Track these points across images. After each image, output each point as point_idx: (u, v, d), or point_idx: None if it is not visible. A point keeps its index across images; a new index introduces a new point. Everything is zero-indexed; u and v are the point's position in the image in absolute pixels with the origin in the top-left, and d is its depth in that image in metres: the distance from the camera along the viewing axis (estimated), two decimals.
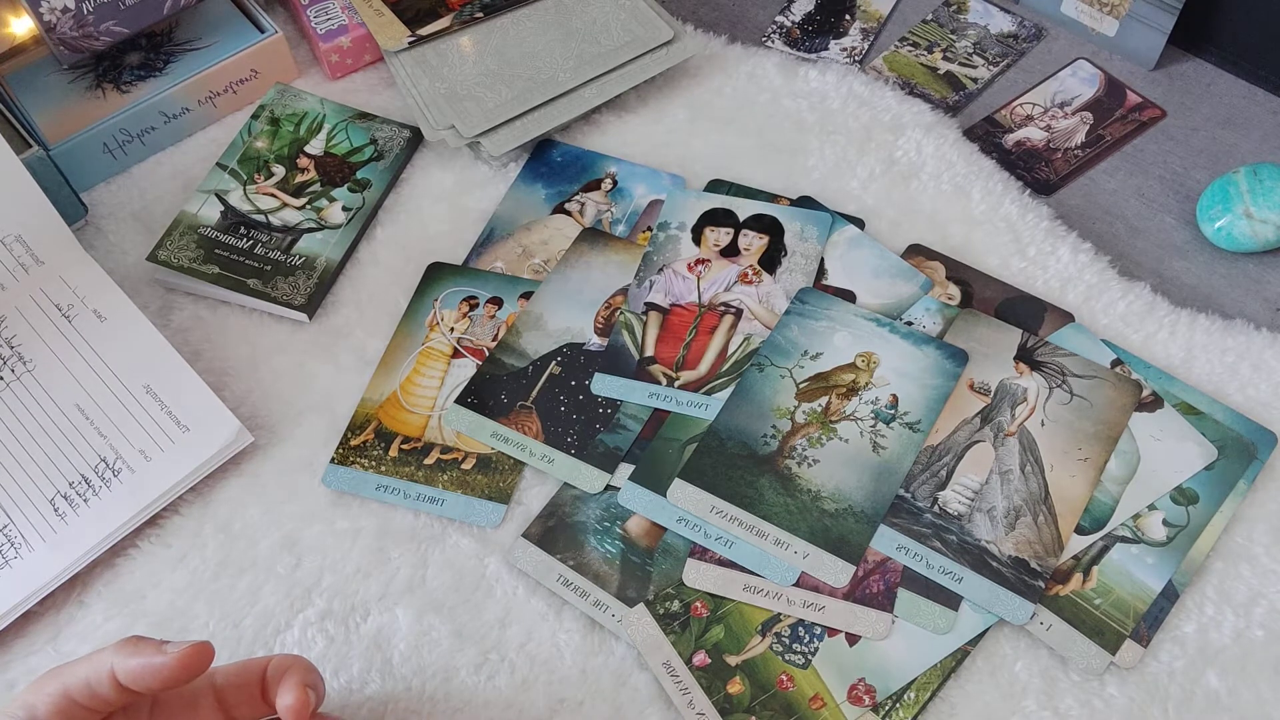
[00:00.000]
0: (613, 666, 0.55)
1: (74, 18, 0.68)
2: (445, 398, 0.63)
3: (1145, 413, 0.61)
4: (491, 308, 0.67)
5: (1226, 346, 0.64)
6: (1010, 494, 0.58)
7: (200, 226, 0.69)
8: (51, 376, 0.62)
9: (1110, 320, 0.66)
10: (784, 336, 0.64)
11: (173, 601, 0.57)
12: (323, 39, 0.77)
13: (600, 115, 0.76)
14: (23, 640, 0.56)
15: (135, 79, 0.74)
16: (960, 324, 0.64)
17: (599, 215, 0.71)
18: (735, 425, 0.60)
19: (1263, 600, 0.56)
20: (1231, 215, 0.68)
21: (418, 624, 0.56)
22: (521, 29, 0.76)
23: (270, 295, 0.66)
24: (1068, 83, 0.80)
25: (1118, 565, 0.57)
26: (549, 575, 0.57)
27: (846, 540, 0.57)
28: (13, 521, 0.58)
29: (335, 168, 0.72)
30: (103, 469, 0.59)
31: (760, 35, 0.84)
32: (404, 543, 0.58)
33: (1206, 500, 0.58)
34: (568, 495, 0.60)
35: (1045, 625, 0.55)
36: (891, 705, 0.53)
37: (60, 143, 0.70)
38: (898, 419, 0.60)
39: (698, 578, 0.56)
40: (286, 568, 0.57)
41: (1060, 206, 0.73)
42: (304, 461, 0.61)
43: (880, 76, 0.80)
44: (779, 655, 0.55)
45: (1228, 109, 0.78)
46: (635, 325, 0.65)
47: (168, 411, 0.60)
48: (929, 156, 0.73)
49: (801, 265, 0.67)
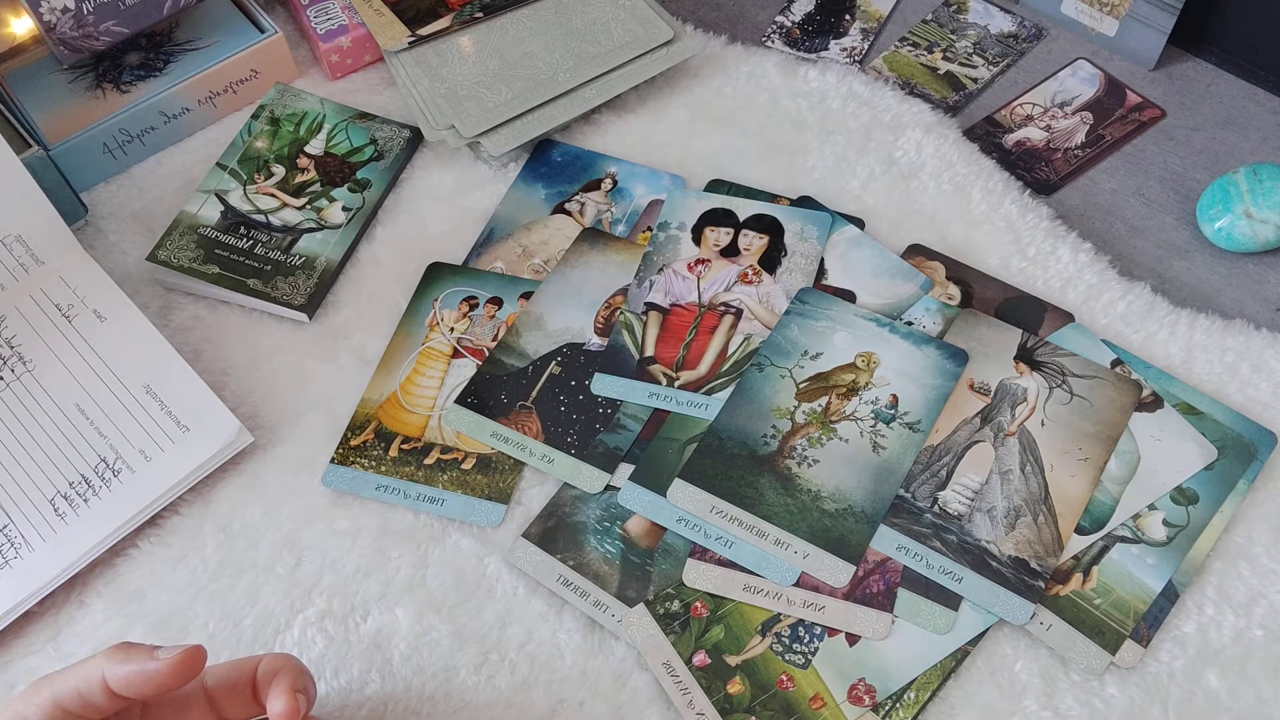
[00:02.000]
0: (613, 667, 0.55)
1: (74, 18, 0.68)
2: (445, 398, 0.63)
3: (1145, 413, 0.61)
4: (491, 308, 0.67)
5: (1226, 346, 0.64)
6: (1010, 494, 0.58)
7: (200, 226, 0.69)
8: (51, 376, 0.62)
9: (1110, 320, 0.66)
10: (784, 336, 0.64)
11: (173, 601, 0.57)
12: (323, 39, 0.76)
13: (600, 115, 0.76)
14: (23, 640, 0.56)
15: (135, 79, 0.74)
16: (960, 324, 0.64)
17: (599, 215, 0.71)
18: (735, 425, 0.60)
19: (1263, 600, 0.56)
20: (1231, 215, 0.68)
21: (418, 624, 0.56)
22: (521, 29, 0.76)
23: (270, 295, 0.66)
24: (1068, 83, 0.80)
25: (1118, 565, 0.57)
26: (549, 575, 0.57)
27: (846, 540, 0.57)
28: (13, 521, 0.58)
29: (335, 168, 0.72)
30: (103, 469, 0.59)
31: (760, 35, 0.84)
32: (404, 543, 0.58)
33: (1206, 500, 0.58)
34: (568, 495, 0.60)
35: (1045, 625, 0.55)
36: (891, 705, 0.53)
37: (60, 143, 0.70)
38: (898, 419, 0.60)
39: (698, 578, 0.56)
40: (286, 568, 0.57)
41: (1060, 206, 0.73)
42: (304, 461, 0.61)
43: (880, 76, 0.80)
44: (779, 655, 0.55)
45: (1228, 109, 0.78)
46: (635, 325, 0.65)
47: (168, 411, 0.60)
48: (929, 156, 0.73)
49: (801, 265, 0.67)
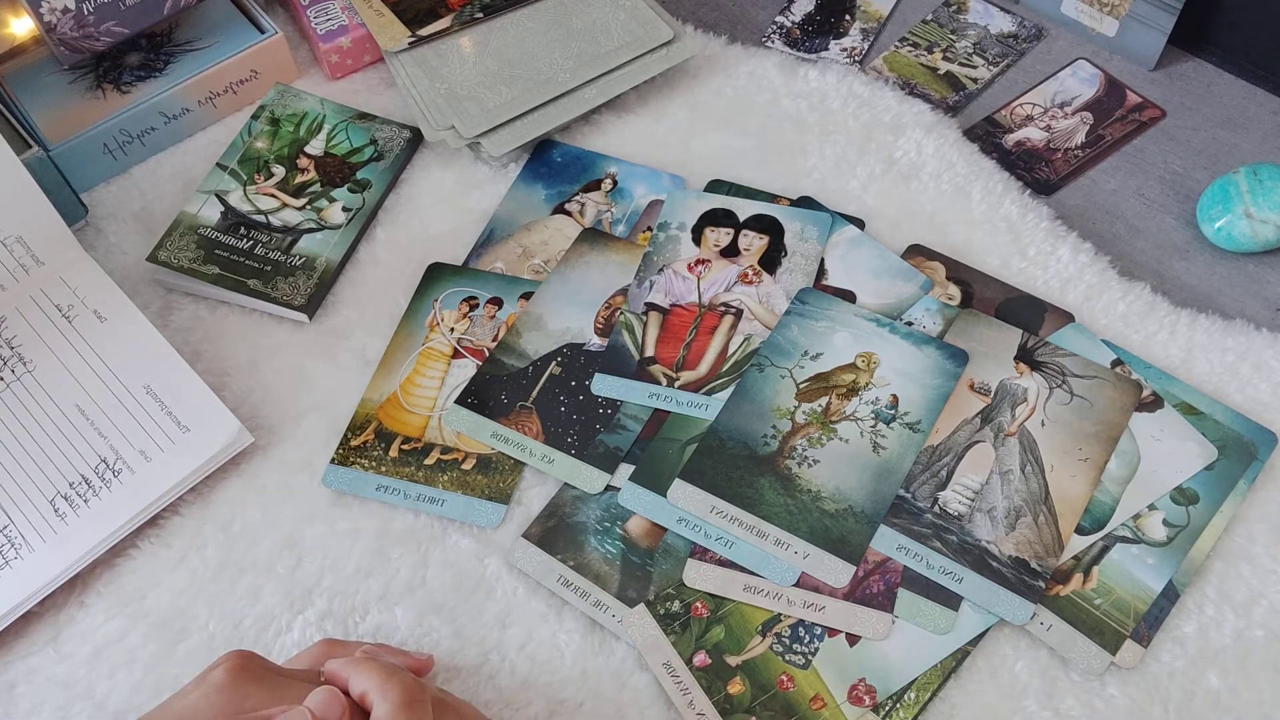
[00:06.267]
0: (613, 667, 0.55)
1: (74, 18, 0.68)
2: (445, 398, 0.63)
3: (1145, 413, 0.61)
4: (491, 308, 0.67)
5: (1226, 346, 0.64)
6: (1010, 494, 0.58)
7: (200, 227, 0.69)
8: (52, 377, 0.62)
9: (1110, 320, 0.66)
10: (784, 337, 0.64)
11: (173, 602, 0.57)
12: (323, 39, 0.76)
13: (600, 115, 0.76)
14: (23, 640, 0.56)
15: (135, 79, 0.74)
16: (960, 324, 0.64)
17: (599, 215, 0.71)
18: (735, 425, 0.60)
19: (1263, 600, 0.56)
20: (1232, 215, 0.68)
21: (418, 624, 0.56)
22: (521, 29, 0.76)
23: (270, 295, 0.66)
24: (1068, 83, 0.80)
25: (1118, 565, 0.57)
26: (549, 575, 0.57)
27: (847, 540, 0.57)
28: (13, 522, 0.58)
29: (335, 168, 0.72)
30: (103, 469, 0.59)
31: (760, 35, 0.84)
32: (404, 543, 0.58)
33: (1207, 500, 0.58)
34: (568, 495, 0.60)
35: (1045, 625, 0.55)
36: (892, 705, 0.53)
37: (60, 143, 0.70)
38: (898, 419, 0.60)
39: (698, 578, 0.56)
40: (286, 568, 0.57)
41: (1060, 206, 0.73)
42: (304, 462, 0.61)
43: (880, 77, 0.80)
44: (779, 655, 0.54)
45: (1228, 109, 0.78)
46: (635, 325, 0.65)
47: (168, 412, 0.60)
48: (929, 157, 0.73)
49: (802, 265, 0.67)
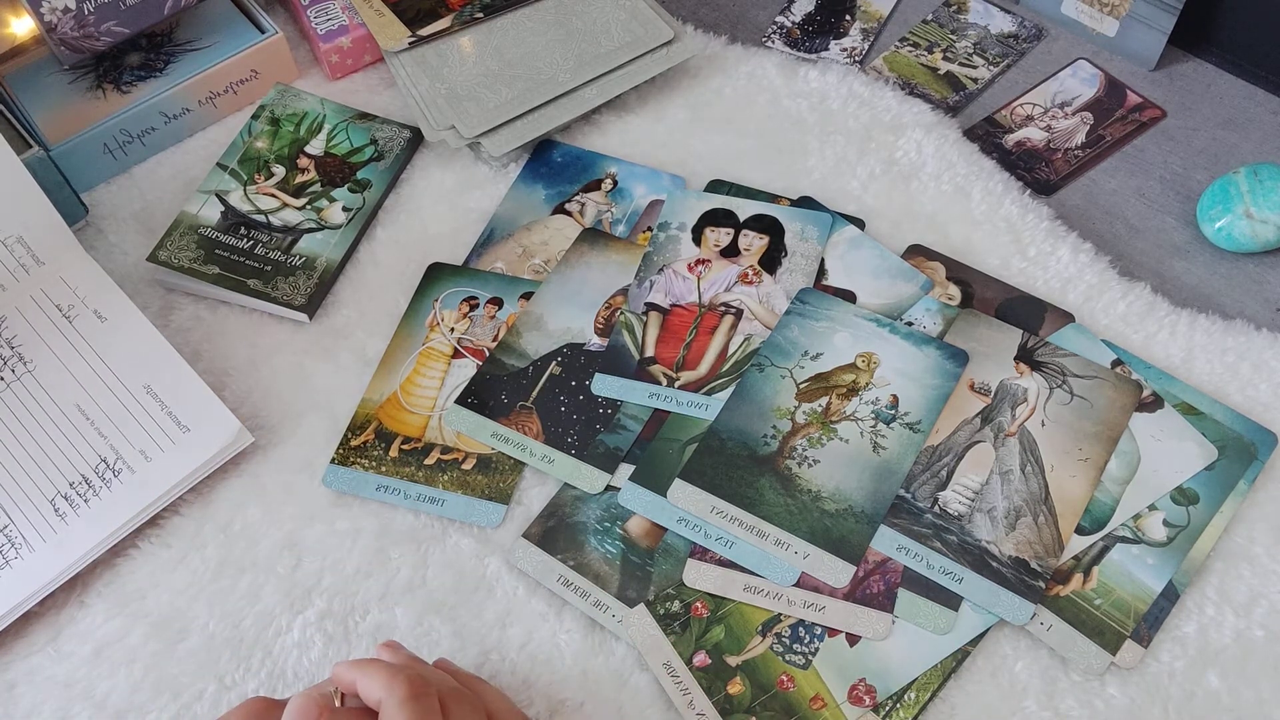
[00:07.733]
0: (613, 667, 0.55)
1: (75, 18, 0.68)
2: (445, 398, 0.63)
3: (1145, 413, 0.61)
4: (492, 308, 0.67)
5: (1226, 346, 0.64)
6: (1010, 494, 0.58)
7: (200, 227, 0.69)
8: (52, 377, 0.62)
9: (1110, 320, 0.66)
10: (784, 337, 0.64)
11: (173, 602, 0.57)
12: (323, 39, 0.76)
13: (600, 115, 0.76)
14: (23, 640, 0.56)
15: (136, 79, 0.74)
16: (960, 324, 0.64)
17: (599, 215, 0.71)
18: (735, 425, 0.60)
19: (1263, 600, 0.56)
20: (1232, 215, 0.68)
21: (418, 624, 0.56)
22: (522, 29, 0.76)
23: (270, 295, 0.66)
24: (1068, 83, 0.80)
25: (1118, 565, 0.57)
26: (549, 575, 0.57)
27: (847, 540, 0.57)
28: (13, 521, 0.58)
29: (335, 168, 0.72)
30: (103, 469, 0.59)
31: (760, 35, 0.84)
32: (404, 543, 0.58)
33: (1207, 500, 0.58)
34: (568, 495, 0.60)
35: (1045, 625, 0.55)
36: (892, 705, 0.53)
37: (61, 143, 0.70)
38: (898, 419, 0.60)
39: (698, 578, 0.56)
40: (286, 568, 0.57)
41: (1060, 207, 0.73)
42: (304, 462, 0.61)
43: (880, 77, 0.80)
44: (779, 655, 0.54)
45: (1228, 109, 0.78)
46: (635, 325, 0.65)
47: (168, 412, 0.60)
48: (929, 157, 0.73)
49: (802, 265, 0.67)
